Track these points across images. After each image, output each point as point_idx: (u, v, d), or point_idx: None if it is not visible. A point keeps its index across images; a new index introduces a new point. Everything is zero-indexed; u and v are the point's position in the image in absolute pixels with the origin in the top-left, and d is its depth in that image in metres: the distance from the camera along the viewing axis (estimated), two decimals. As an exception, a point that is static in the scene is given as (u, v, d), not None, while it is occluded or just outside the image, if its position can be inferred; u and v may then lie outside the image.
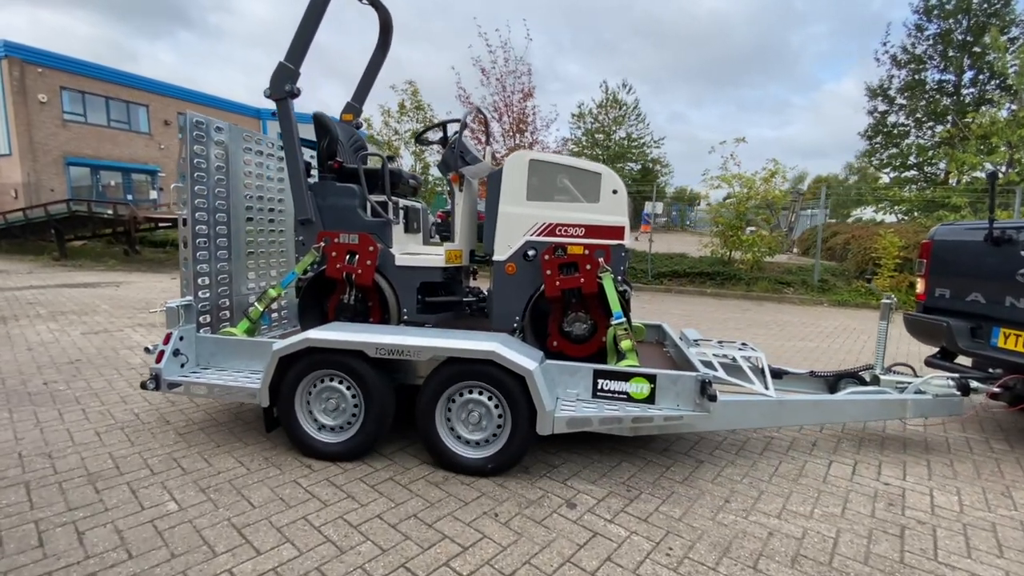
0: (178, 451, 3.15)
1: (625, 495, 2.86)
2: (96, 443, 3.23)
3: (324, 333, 3.04)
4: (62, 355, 5.14)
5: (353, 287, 3.71)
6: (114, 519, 2.43)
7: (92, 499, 2.59)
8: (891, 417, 3.48)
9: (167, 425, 3.54)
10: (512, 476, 3.01)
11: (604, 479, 3.03)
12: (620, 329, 3.18)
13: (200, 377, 3.26)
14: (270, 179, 4.41)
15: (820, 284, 12.41)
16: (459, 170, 3.74)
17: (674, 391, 2.89)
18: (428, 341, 2.93)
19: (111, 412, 3.74)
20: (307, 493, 2.73)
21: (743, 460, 3.39)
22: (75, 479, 2.78)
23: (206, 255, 3.68)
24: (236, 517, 2.49)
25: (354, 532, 2.41)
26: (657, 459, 3.34)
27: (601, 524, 2.57)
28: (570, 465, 3.19)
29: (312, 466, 3.03)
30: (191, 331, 3.45)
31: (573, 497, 2.81)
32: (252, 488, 2.76)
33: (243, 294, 4.11)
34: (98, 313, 7.30)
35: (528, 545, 2.37)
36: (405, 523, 2.50)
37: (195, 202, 3.54)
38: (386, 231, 3.76)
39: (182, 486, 2.75)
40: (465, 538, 2.40)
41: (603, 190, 3.37)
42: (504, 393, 2.87)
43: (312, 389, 3.12)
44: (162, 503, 2.58)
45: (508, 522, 2.54)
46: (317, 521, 2.49)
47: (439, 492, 2.80)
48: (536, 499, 2.77)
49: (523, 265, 3.46)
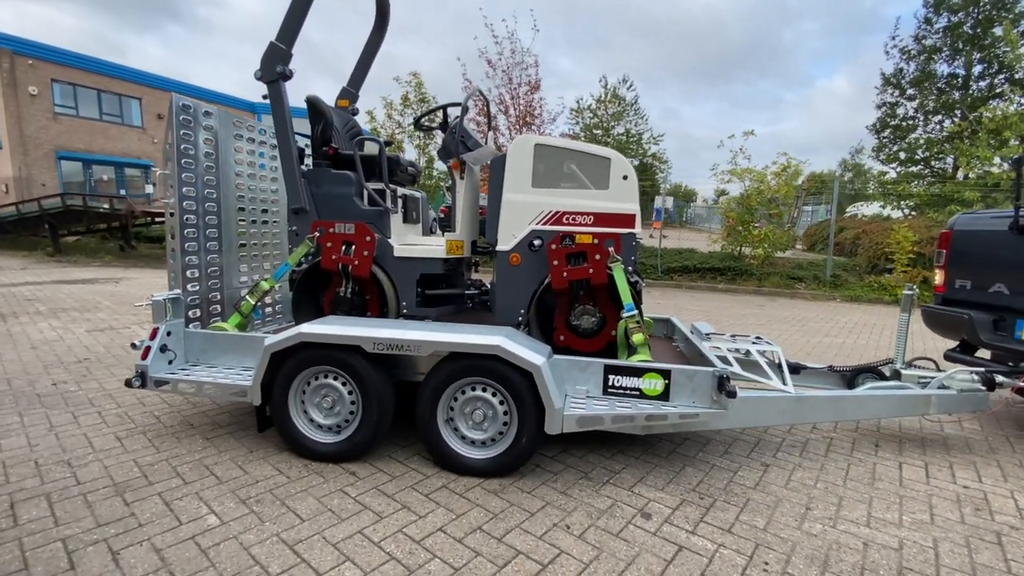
0: (208, 457, 2.91)
1: (699, 503, 2.65)
2: (118, 449, 2.97)
3: (319, 327, 2.82)
4: (69, 354, 4.86)
5: (350, 279, 3.50)
6: (150, 536, 2.19)
7: (122, 513, 2.35)
8: (914, 413, 3.31)
9: (192, 429, 3.29)
10: (574, 483, 2.79)
11: (672, 485, 2.82)
12: (632, 322, 2.99)
13: (189, 374, 3.04)
14: (263, 167, 4.17)
15: (832, 279, 12.30)
16: (460, 156, 3.52)
17: (690, 387, 2.71)
18: (429, 335, 2.72)
19: (129, 415, 3.48)
20: (357, 504, 2.50)
21: (809, 463, 3.19)
22: (100, 490, 2.53)
23: (195, 246, 3.46)
24: (285, 532, 2.25)
25: (418, 548, 2.18)
26: (720, 462, 3.14)
27: (683, 536, 2.36)
28: (632, 470, 2.98)
29: (357, 473, 2.80)
30: (179, 326, 3.23)
31: (645, 506, 2.60)
32: (296, 499, 2.52)
33: (235, 288, 3.88)
34: (101, 310, 7.00)
35: (612, 561, 2.15)
36: (472, 537, 2.28)
37: (183, 190, 3.32)
38: (384, 220, 3.55)
39: (219, 497, 2.51)
40: (541, 554, 2.18)
41: (613, 176, 3.17)
42: (510, 390, 2.67)
43: (306, 387, 2.92)
44: (201, 516, 2.34)
45: (583, 535, 2.33)
46: (375, 536, 2.26)
47: (500, 501, 2.58)
48: (606, 508, 2.56)
49: (528, 256, 3.26)
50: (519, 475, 2.84)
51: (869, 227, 13.96)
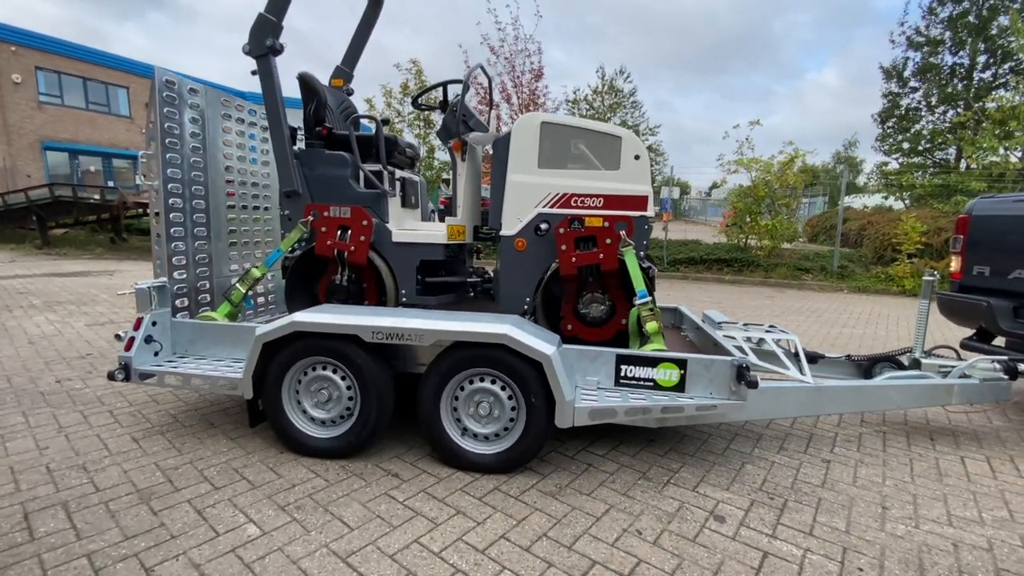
0: (236, 459, 2.68)
1: (770, 504, 2.48)
2: (136, 451, 2.74)
3: (313, 316, 2.63)
4: (70, 349, 4.58)
5: (346, 266, 3.30)
6: (185, 549, 1.97)
7: (151, 523, 2.12)
8: (936, 403, 3.18)
9: (213, 428, 3.06)
10: (634, 483, 2.61)
11: (736, 485, 2.65)
12: (645, 310, 2.83)
13: (176, 367, 2.85)
14: (253, 150, 3.94)
15: (839, 270, 12.22)
16: (461, 136, 3.32)
17: (707, 378, 2.55)
18: (432, 324, 2.54)
19: (143, 414, 3.23)
20: (407, 509, 2.29)
21: (871, 459, 3.03)
22: (123, 497, 2.30)
23: (181, 231, 3.24)
24: (335, 542, 2.04)
25: (484, 559, 1.99)
26: (779, 459, 2.97)
27: (765, 541, 2.18)
28: (691, 469, 2.80)
29: (400, 475, 2.59)
30: (165, 316, 3.03)
31: (715, 508, 2.42)
32: (340, 504, 2.31)
33: (224, 276, 3.66)
34: (98, 303, 6.69)
35: (696, 571, 1.97)
36: (539, 546, 2.08)
37: (167, 172, 3.10)
38: (381, 204, 3.35)
39: (255, 504, 2.29)
40: (619, 563, 1.99)
41: (624, 156, 3.00)
42: (518, 381, 2.51)
43: (301, 379, 2.73)
44: (239, 526, 2.12)
45: (658, 541, 2.14)
46: (434, 545, 2.05)
47: (559, 505, 2.39)
48: (675, 511, 2.37)
49: (534, 241, 3.08)
50: (572, 475, 2.65)
51: (874, 218, 13.90)
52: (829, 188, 22.48)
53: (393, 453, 2.80)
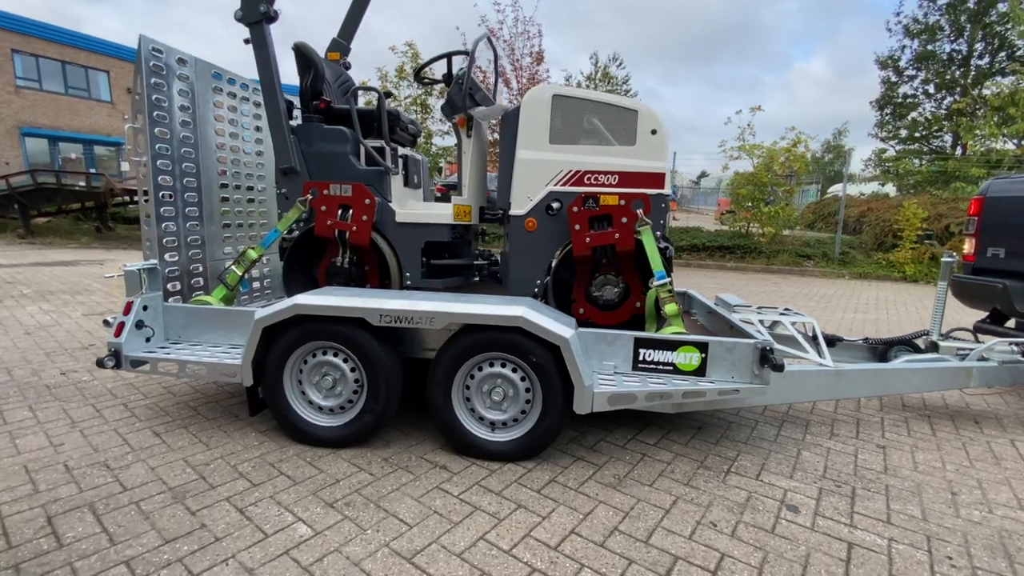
0: (270, 454, 2.51)
1: (838, 492, 2.37)
2: (160, 447, 2.54)
3: (316, 298, 2.48)
4: (70, 340, 4.33)
5: (347, 248, 3.14)
6: (234, 552, 1.80)
7: (190, 524, 1.94)
8: (954, 387, 3.13)
9: (239, 421, 2.87)
10: (694, 472, 2.49)
11: (799, 472, 2.54)
12: (664, 291, 2.72)
13: (170, 353, 2.69)
14: (246, 127, 3.73)
15: (841, 257, 12.24)
16: (468, 111, 3.14)
17: (729, 361, 2.45)
18: (443, 306, 2.41)
19: (161, 407, 3.03)
20: (464, 504, 2.14)
21: (925, 443, 2.95)
22: (155, 497, 2.12)
23: (172, 211, 3.04)
24: (395, 542, 1.89)
25: (560, 557, 1.84)
26: (834, 445, 2.87)
27: (845, 531, 2.07)
28: (748, 457, 2.69)
29: (448, 467, 2.43)
30: (157, 300, 2.86)
31: (785, 497, 2.30)
32: (391, 500, 2.15)
33: (218, 259, 3.47)
34: (92, 292, 6.40)
35: (784, 565, 1.85)
36: (614, 541, 1.95)
37: (156, 147, 2.89)
38: (384, 182, 3.17)
39: (300, 501, 2.12)
40: (702, 558, 1.87)
41: (639, 131, 2.87)
42: (533, 366, 2.38)
43: (304, 365, 2.59)
44: (287, 526, 1.96)
45: (735, 533, 2.02)
46: (502, 542, 1.91)
47: (624, 497, 2.25)
48: (744, 501, 2.25)
49: (545, 220, 2.95)
50: (628, 465, 2.52)
51: (874, 204, 13.93)
52: (821, 177, 22.56)
53: (435, 444, 2.64)
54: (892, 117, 16.72)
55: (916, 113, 16.24)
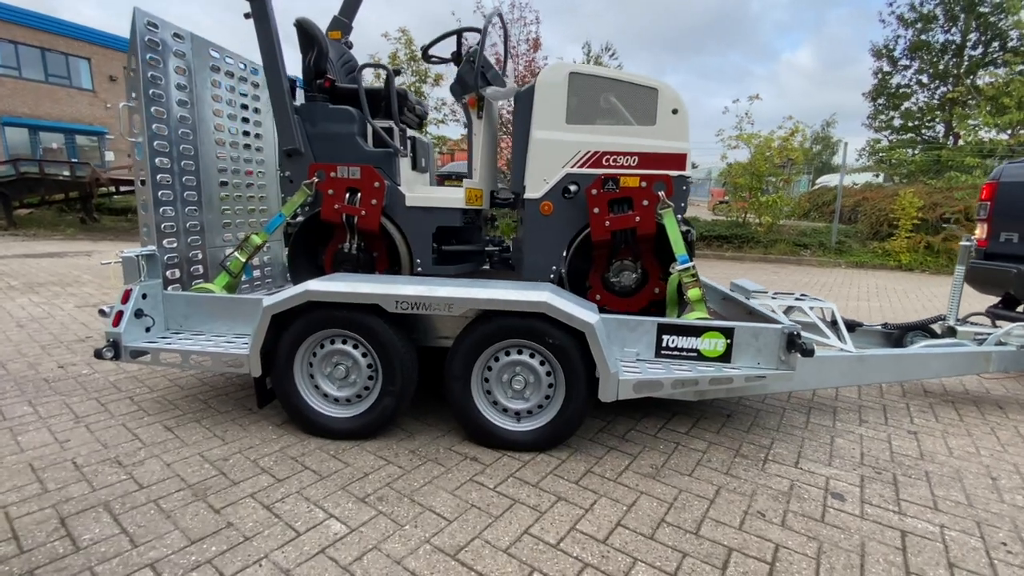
0: (291, 447, 2.39)
1: (880, 478, 2.32)
2: (174, 441, 2.42)
3: (329, 284, 2.38)
4: (65, 332, 4.15)
5: (355, 233, 3.02)
6: (267, 552, 1.69)
7: (216, 523, 1.83)
8: (973, 371, 3.10)
9: (252, 413, 2.75)
10: (731, 461, 2.42)
11: (836, 460, 2.48)
12: (687, 276, 2.65)
13: (171, 343, 2.56)
14: (244, 107, 3.56)
15: (838, 246, 12.29)
16: (480, 90, 3.00)
17: (755, 347, 2.39)
18: (463, 292, 2.31)
19: (169, 400, 2.89)
20: (502, 496, 2.05)
21: (954, 428, 2.91)
22: (174, 494, 1.99)
23: (170, 195, 2.90)
24: (437, 538, 1.79)
25: (610, 551, 1.76)
26: (864, 432, 2.82)
27: (895, 519, 2.02)
28: (783, 444, 2.63)
29: (479, 459, 2.34)
30: (157, 288, 2.72)
31: (827, 484, 2.24)
32: (425, 494, 2.05)
33: (217, 246, 3.33)
34: (84, 284, 6.18)
35: (842, 555, 1.79)
36: (663, 533, 1.87)
37: (153, 127, 2.74)
38: (393, 164, 3.05)
39: (330, 496, 2.01)
40: (757, 549, 1.80)
41: (660, 110, 2.77)
42: (557, 353, 2.30)
43: (315, 354, 2.48)
44: (320, 523, 1.85)
45: (785, 523, 1.95)
46: (548, 536, 1.82)
47: (665, 487, 2.18)
48: (788, 490, 2.19)
49: (562, 204, 2.85)
50: (663, 454, 2.45)
51: (869, 194, 13.99)
52: (812, 167, 22.66)
53: (460, 435, 2.54)
54: (886, 107, 16.81)
55: (909, 103, 16.34)
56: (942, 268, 11.03)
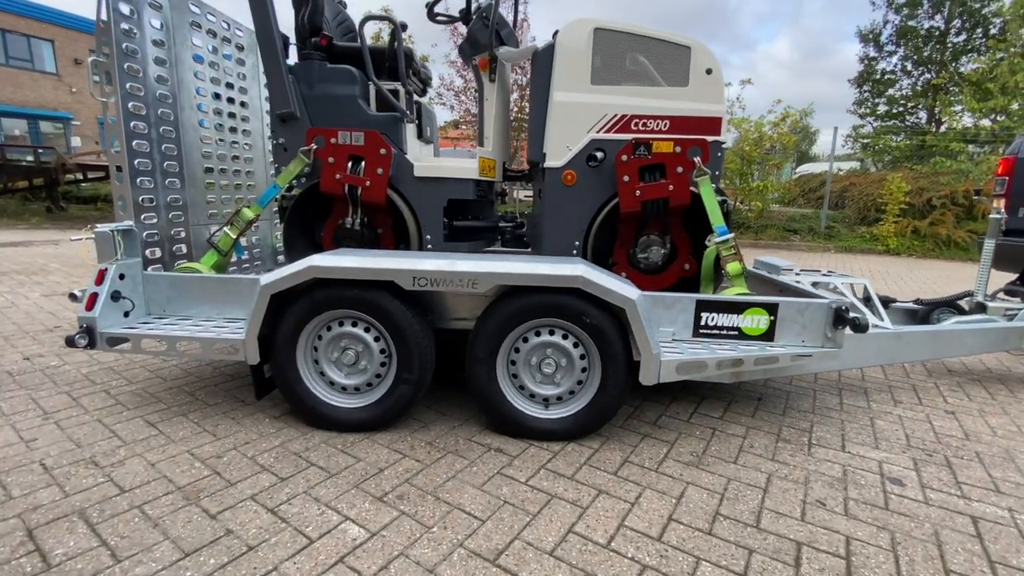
0: (292, 442, 2.14)
1: (932, 460, 2.17)
2: (158, 438, 2.14)
3: (337, 259, 2.13)
4: (31, 322, 3.79)
5: (359, 206, 2.74)
6: (277, 564, 1.45)
7: (213, 531, 1.58)
8: (1007, 347, 3.00)
9: (246, 405, 2.48)
10: (775, 447, 2.25)
11: (884, 443, 2.33)
12: (726, 249, 2.46)
13: (155, 328, 2.27)
14: (229, 72, 3.22)
15: (827, 231, 12.34)
16: (494, 50, 2.76)
17: (799, 324, 2.23)
18: (488, 266, 2.08)
19: (150, 392, 2.61)
20: (536, 491, 1.84)
21: (990, 407, 2.80)
22: (161, 498, 1.73)
23: (148, 164, 2.58)
24: (471, 540, 1.57)
25: (668, 549, 1.56)
26: (901, 412, 2.68)
27: (961, 503, 1.86)
28: (823, 427, 2.47)
29: (504, 449, 2.12)
30: (136, 267, 2.42)
31: (881, 469, 2.09)
32: (450, 490, 1.83)
33: (203, 224, 3.02)
34: (51, 272, 5.75)
35: (919, 546, 1.62)
36: (720, 527, 1.68)
37: (127, 86, 2.42)
38: (399, 130, 2.79)
39: (343, 496, 1.77)
40: (828, 543, 1.62)
41: (693, 69, 2.57)
42: (592, 332, 2.09)
43: (320, 338, 2.23)
44: (335, 527, 1.61)
45: (849, 512, 1.78)
46: (596, 535, 1.61)
47: (712, 476, 1.99)
48: (841, 475, 2.02)
49: (586, 173, 2.65)
50: (701, 441, 2.26)
51: (856, 179, 14.07)
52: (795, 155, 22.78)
53: (480, 424, 2.32)
54: (871, 94, 16.94)
55: (894, 89, 16.49)
56: (928, 252, 11.15)
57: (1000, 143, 12.11)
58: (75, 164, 11.30)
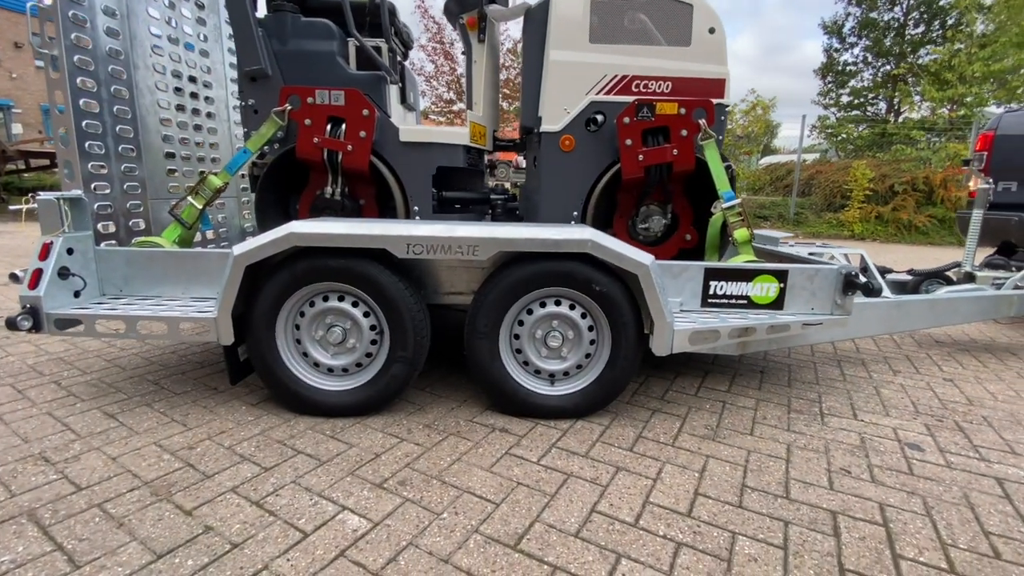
0: (275, 429, 1.93)
1: (943, 426, 2.14)
2: (119, 429, 1.90)
3: (320, 225, 1.92)
4: (-33, 314, 3.41)
5: (339, 173, 2.50)
6: (267, 562, 1.26)
7: (190, 529, 1.37)
8: (998, 315, 3.06)
9: (219, 393, 2.25)
10: (788, 417, 2.17)
11: (892, 410, 2.29)
12: (732, 215, 2.37)
13: (112, 309, 2.00)
14: (188, 31, 2.92)
15: (796, 217, 12.61)
16: (484, 6, 2.57)
17: (809, 291, 2.16)
18: (490, 231, 1.92)
19: (107, 382, 2.34)
20: (550, 471, 1.69)
21: (985, 374, 2.81)
22: (125, 495, 1.51)
23: (98, 127, 2.30)
24: (487, 525, 1.41)
25: (700, 525, 1.45)
26: (903, 381, 2.66)
27: (982, 466, 1.82)
28: (832, 397, 2.41)
29: (509, 429, 1.97)
30: (87, 242, 2.13)
31: (897, 436, 2.03)
32: (457, 473, 1.67)
33: (162, 198, 2.72)
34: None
35: (953, 510, 1.56)
36: (749, 499, 1.58)
37: (72, 36, 2.15)
38: (382, 91, 2.57)
39: (337, 484, 1.59)
40: (861, 510, 1.54)
41: (696, 28, 2.48)
42: (601, 301, 1.96)
43: (302, 314, 2.01)
44: (331, 518, 1.43)
45: (875, 479, 1.71)
46: (622, 514, 1.48)
47: (731, 449, 1.89)
48: (859, 443, 1.96)
49: (585, 138, 2.52)
50: (712, 414, 2.17)
51: (822, 167, 14.44)
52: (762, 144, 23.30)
53: (480, 405, 2.16)
54: (834, 84, 17.44)
55: (856, 80, 17.01)
56: (891, 237, 11.53)
57: (957, 131, 12.61)
58: (16, 151, 10.47)
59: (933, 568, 1.31)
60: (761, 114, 12.12)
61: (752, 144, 12.61)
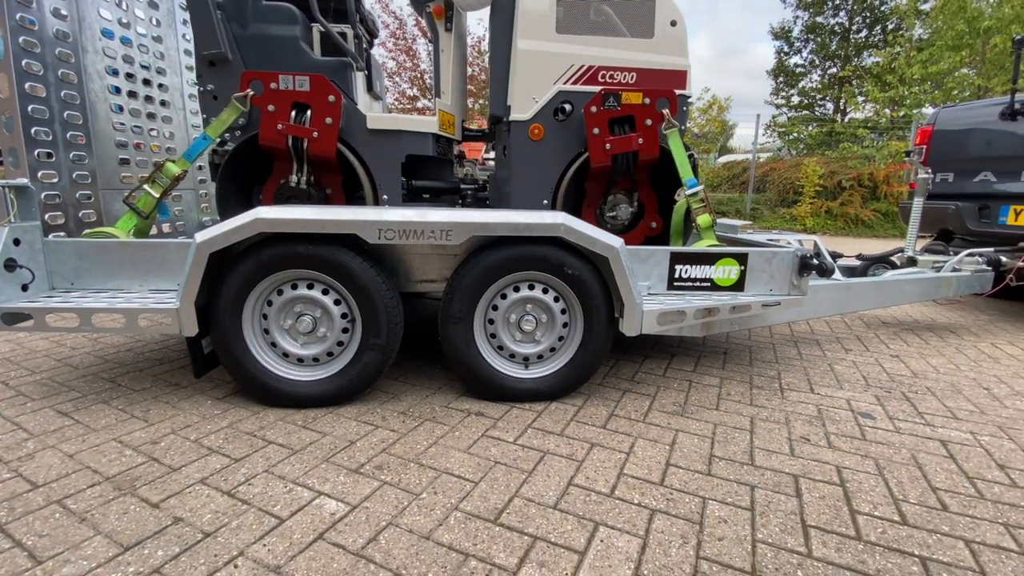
0: (244, 421, 1.88)
1: (891, 396, 2.29)
2: (74, 427, 1.81)
3: (288, 211, 1.89)
4: None
5: (304, 161, 2.45)
6: (243, 548, 1.23)
7: (158, 521, 1.33)
8: (939, 295, 3.30)
9: (182, 389, 2.17)
10: (751, 393, 2.27)
11: (845, 383, 2.43)
12: (696, 201, 2.46)
13: (65, 302, 1.91)
14: (140, 16, 2.83)
15: (752, 212, 13.10)
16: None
17: (767, 273, 2.28)
18: (463, 215, 1.94)
19: (59, 381, 2.22)
20: (527, 449, 1.72)
21: (928, 350, 3.01)
22: (86, 491, 1.45)
23: (45, 113, 2.22)
24: (467, 503, 1.42)
25: (673, 493, 1.50)
26: (854, 359, 2.82)
27: (927, 430, 1.96)
28: (790, 374, 2.53)
29: (485, 413, 1.98)
30: (35, 232, 2.01)
31: (851, 406, 2.16)
32: (434, 456, 1.67)
33: (115, 188, 2.64)
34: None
35: (902, 469, 1.67)
36: (718, 467, 1.64)
37: (16, 16, 2.08)
38: (347, 78, 2.57)
39: (312, 471, 1.57)
40: (822, 473, 1.63)
41: (658, 21, 2.58)
42: (574, 285, 2.01)
43: (270, 303, 1.98)
44: (308, 503, 1.41)
45: (832, 444, 1.82)
46: (599, 485, 1.52)
47: (699, 423, 1.96)
48: (816, 414, 2.07)
49: (554, 128, 2.58)
50: (680, 392, 2.25)
51: (776, 165, 15.04)
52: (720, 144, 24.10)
53: (455, 391, 2.17)
54: (785, 85, 18.24)
55: (805, 81, 17.83)
56: (840, 230, 12.13)
57: (898, 130, 13.38)
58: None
59: (887, 521, 1.40)
60: (717, 113, 12.51)
61: (710, 143, 12.99)
